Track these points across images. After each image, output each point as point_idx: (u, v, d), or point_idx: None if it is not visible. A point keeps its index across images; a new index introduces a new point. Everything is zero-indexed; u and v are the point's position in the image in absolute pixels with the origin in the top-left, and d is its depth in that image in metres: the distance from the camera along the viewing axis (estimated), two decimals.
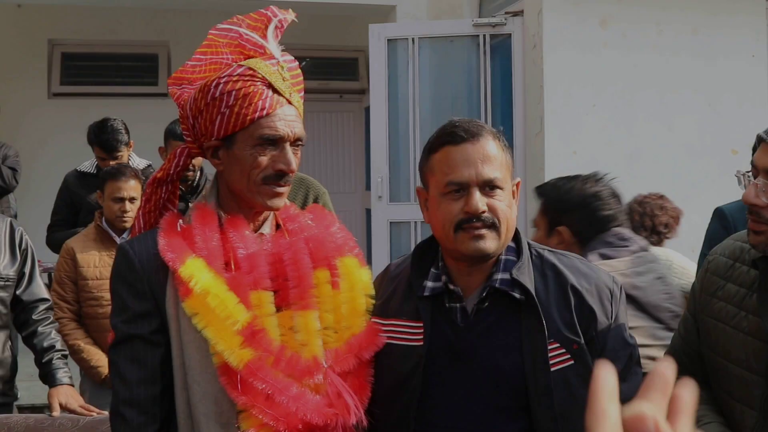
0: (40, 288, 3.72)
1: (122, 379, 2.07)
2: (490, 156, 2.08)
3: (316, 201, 3.80)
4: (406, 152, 6.47)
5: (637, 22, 5.93)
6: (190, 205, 4.86)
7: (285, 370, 1.99)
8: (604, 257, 2.91)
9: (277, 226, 2.24)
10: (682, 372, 2.34)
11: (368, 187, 7.97)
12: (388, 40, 6.47)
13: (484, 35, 6.34)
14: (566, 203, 3.09)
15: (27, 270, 3.66)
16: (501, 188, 2.08)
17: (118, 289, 2.11)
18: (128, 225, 4.48)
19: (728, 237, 2.43)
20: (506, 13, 6.35)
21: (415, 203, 6.38)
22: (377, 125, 6.49)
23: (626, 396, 2.12)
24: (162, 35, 9.58)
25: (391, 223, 6.45)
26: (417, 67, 6.45)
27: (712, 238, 3.64)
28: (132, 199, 4.48)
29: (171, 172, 2.26)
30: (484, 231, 2.05)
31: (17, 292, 3.63)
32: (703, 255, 3.33)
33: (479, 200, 2.05)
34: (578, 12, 5.86)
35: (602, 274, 2.22)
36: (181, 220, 2.14)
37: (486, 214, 2.05)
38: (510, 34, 6.22)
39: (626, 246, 3.01)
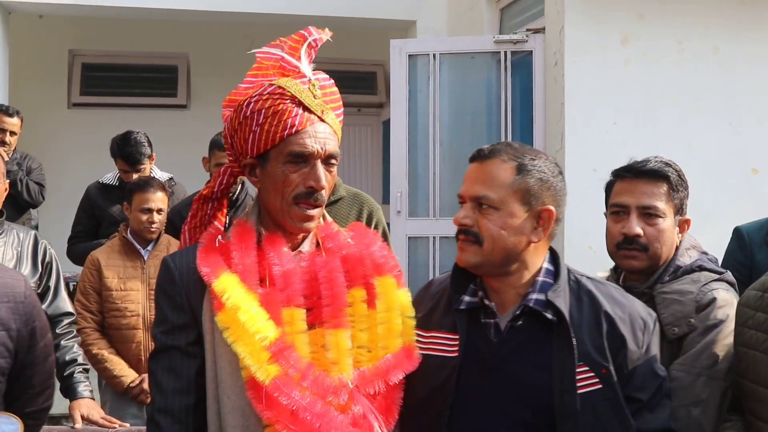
0: (64, 302, 3.74)
1: (159, 388, 2.13)
2: (490, 176, 2.17)
3: (370, 216, 3.81)
4: (426, 167, 6.48)
5: (658, 40, 5.92)
6: (228, 218, 4.90)
7: (310, 388, 2.01)
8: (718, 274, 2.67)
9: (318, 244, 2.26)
10: (737, 411, 2.38)
11: (385, 201, 7.97)
12: (409, 55, 6.48)
13: (505, 52, 6.34)
14: (686, 188, 2.74)
15: (52, 284, 3.68)
16: (495, 208, 2.15)
17: (160, 300, 2.18)
18: (155, 236, 4.53)
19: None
20: (527, 30, 6.36)
21: (433, 218, 6.39)
22: (397, 140, 6.51)
23: (651, 426, 2.14)
24: (181, 47, 9.64)
25: (409, 238, 6.44)
26: (437, 83, 6.46)
27: (727, 258, 3.64)
28: (159, 211, 4.53)
29: (215, 189, 2.32)
30: (463, 244, 2.18)
31: (43, 306, 3.64)
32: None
33: (462, 212, 2.18)
34: (599, 29, 5.85)
35: (637, 304, 2.29)
36: (220, 236, 2.19)
37: (471, 228, 2.16)
38: (531, 51, 6.21)
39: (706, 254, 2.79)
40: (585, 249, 5.64)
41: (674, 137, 5.87)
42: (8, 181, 3.66)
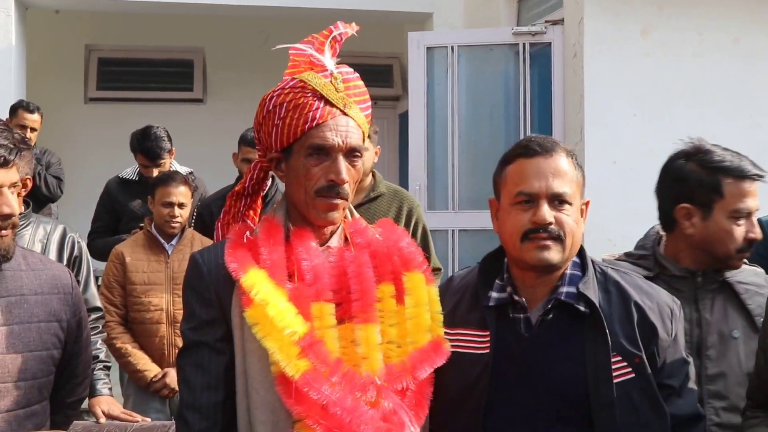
0: (94, 297, 3.74)
1: (187, 385, 2.13)
2: (561, 171, 2.17)
3: (410, 213, 3.79)
4: (444, 160, 6.47)
5: (678, 31, 5.89)
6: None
7: (339, 383, 2.00)
8: None
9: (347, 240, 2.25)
10: (758, 407, 2.39)
11: None
12: (427, 48, 6.47)
13: (524, 44, 6.33)
14: None
15: (82, 278, 3.67)
16: (570, 203, 2.16)
17: (188, 296, 2.17)
18: (177, 230, 4.53)
19: None
20: (546, 21, 6.33)
21: (452, 211, 6.38)
22: (416, 133, 6.49)
23: (682, 411, 2.16)
24: (197, 41, 9.64)
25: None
26: (456, 75, 6.45)
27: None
28: (181, 205, 4.52)
29: (246, 185, 2.32)
30: (549, 242, 2.14)
31: None
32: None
33: (547, 212, 2.13)
34: (619, 21, 5.83)
35: (662, 293, 2.32)
36: (248, 232, 2.18)
37: (553, 226, 2.14)
38: (550, 43, 6.20)
39: None
40: (605, 241, 5.62)
41: (694, 130, 5.74)
42: (29, 176, 3.65)
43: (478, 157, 6.46)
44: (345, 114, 2.13)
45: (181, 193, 4.54)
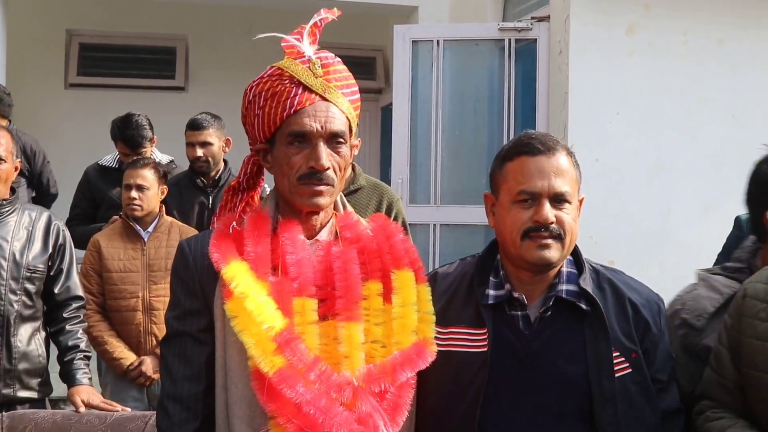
0: (75, 286, 3.73)
1: (169, 374, 2.12)
2: (562, 170, 2.17)
3: (389, 207, 3.77)
4: (427, 154, 6.44)
5: (663, 31, 5.90)
6: (211, 198, 4.89)
7: (315, 382, 1.97)
8: None
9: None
10: (719, 406, 2.37)
11: None
12: (412, 41, 6.45)
13: (510, 39, 6.31)
14: None
15: (64, 266, 3.68)
16: (569, 202, 2.17)
17: (174, 284, 2.16)
18: (138, 213, 4.50)
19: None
20: (532, 18, 6.32)
21: (434, 206, 6.36)
22: (399, 126, 6.47)
23: (669, 405, 2.18)
24: (180, 29, 9.54)
25: (409, 225, 6.38)
26: (441, 70, 6.43)
27: (728, 246, 3.63)
28: (140, 187, 4.48)
29: (241, 179, 2.29)
30: (550, 241, 2.15)
31: (54, 289, 3.63)
32: (719, 263, 3.24)
33: (549, 211, 2.13)
34: (605, 19, 5.83)
35: (649, 290, 2.36)
36: (234, 223, 2.16)
37: (553, 225, 2.14)
38: (535, 39, 6.18)
39: None
40: (586, 239, 5.63)
41: (678, 129, 5.87)
42: (19, 159, 3.65)
43: (461, 152, 6.45)
44: (325, 99, 2.09)
45: (139, 175, 4.51)
